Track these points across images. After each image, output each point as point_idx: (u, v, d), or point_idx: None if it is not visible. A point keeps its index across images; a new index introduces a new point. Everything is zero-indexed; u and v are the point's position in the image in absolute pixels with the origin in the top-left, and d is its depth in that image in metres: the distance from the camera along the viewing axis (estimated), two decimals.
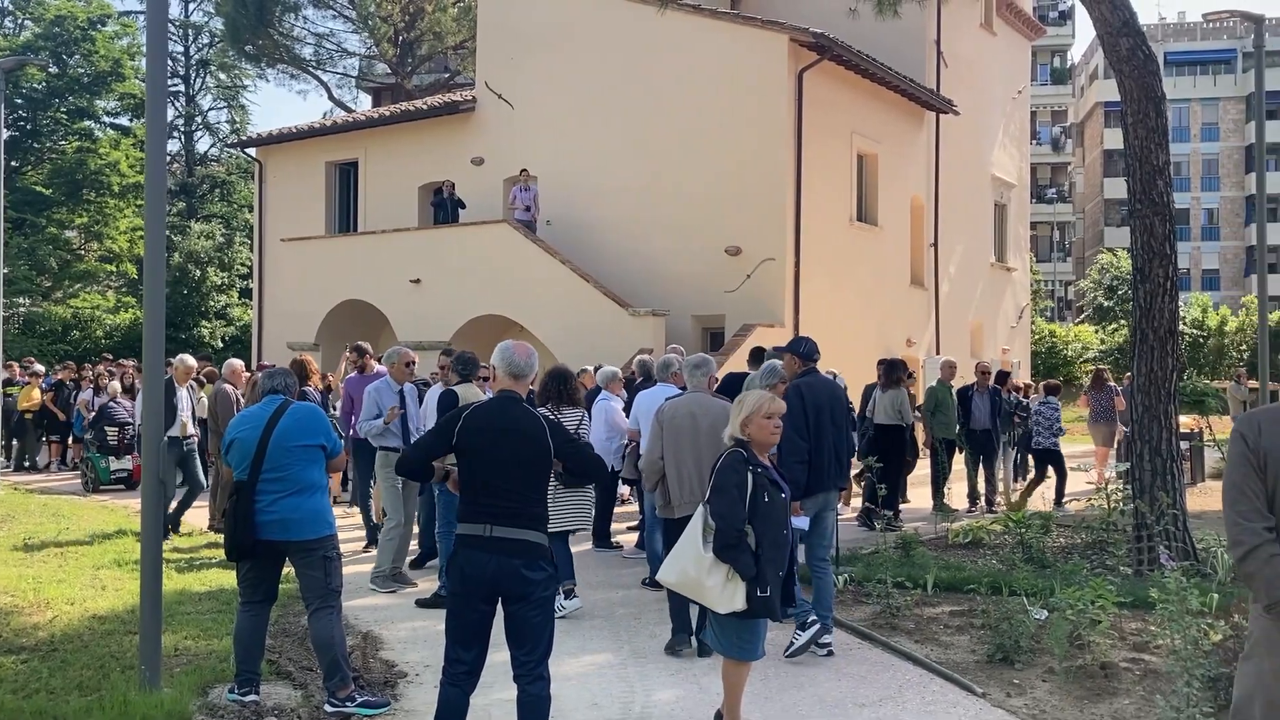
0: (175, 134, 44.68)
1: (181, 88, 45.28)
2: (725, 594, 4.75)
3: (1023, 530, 9.40)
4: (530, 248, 19.05)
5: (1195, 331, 36.80)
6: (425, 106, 23.23)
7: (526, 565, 4.39)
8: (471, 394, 7.61)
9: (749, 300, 17.87)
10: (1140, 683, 5.84)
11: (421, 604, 7.77)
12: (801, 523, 6.29)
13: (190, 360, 11.76)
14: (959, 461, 13.68)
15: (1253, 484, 3.27)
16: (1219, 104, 60.47)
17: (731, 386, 8.83)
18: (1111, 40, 9.43)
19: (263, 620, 5.60)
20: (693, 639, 6.56)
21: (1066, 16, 56.41)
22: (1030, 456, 14.20)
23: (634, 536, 10.49)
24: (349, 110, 38.18)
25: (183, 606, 7.53)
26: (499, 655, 4.60)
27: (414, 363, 9.21)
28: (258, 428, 5.44)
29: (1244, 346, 35.23)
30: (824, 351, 12.83)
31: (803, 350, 6.95)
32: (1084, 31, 79.78)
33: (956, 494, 13.47)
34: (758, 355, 10.32)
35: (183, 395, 11.00)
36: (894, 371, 12.12)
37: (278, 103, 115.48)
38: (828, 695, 5.79)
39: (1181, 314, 37.52)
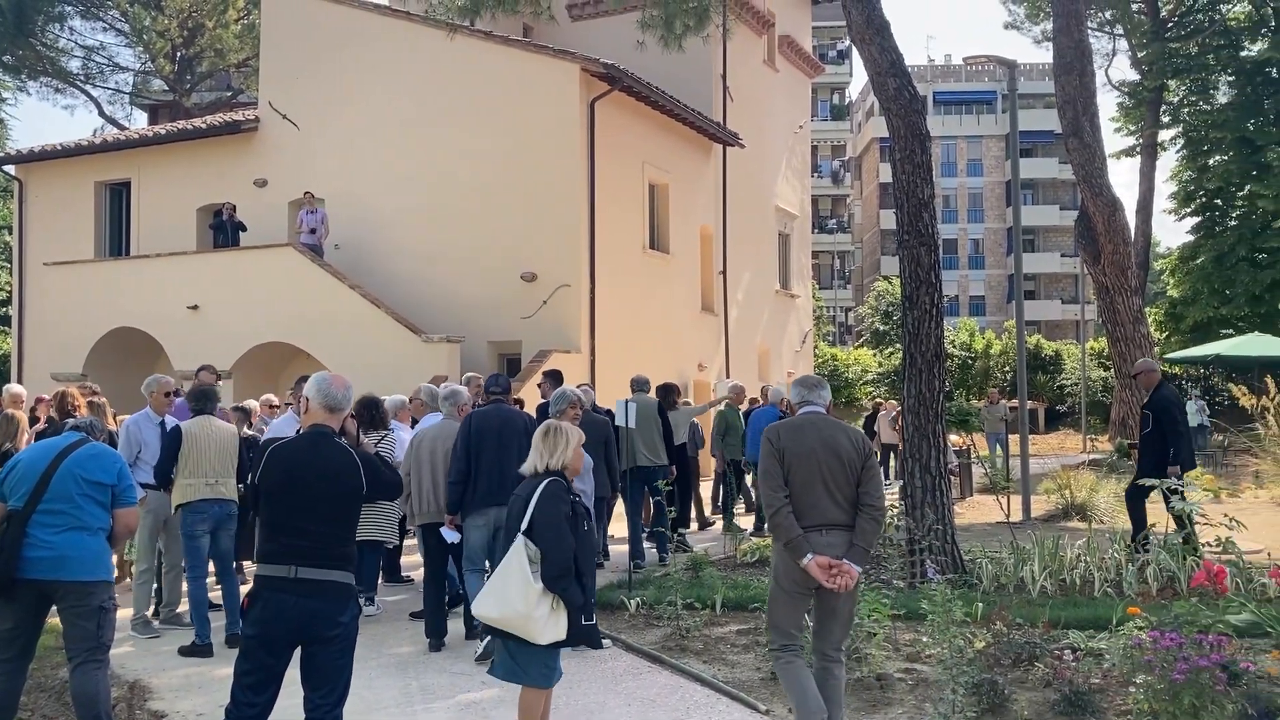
0: None
1: None
2: (549, 625, 4.67)
3: None
4: (317, 272, 18.48)
5: (963, 354, 39.19)
6: (205, 125, 22.24)
7: (334, 607, 4.24)
8: (207, 428, 7.63)
9: (545, 326, 17.91)
10: (913, 692, 6.13)
11: (184, 652, 7.35)
12: (451, 536, 7.51)
13: (16, 389, 10.71)
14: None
15: (775, 469, 4.96)
16: (982, 141, 64.90)
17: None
18: (880, 80, 9.97)
19: (18, 681, 5.12)
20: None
21: (845, 56, 59.43)
22: None
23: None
24: (122, 128, 36.10)
25: None
26: (288, 699, 4.40)
27: (176, 393, 8.69)
28: (47, 455, 5.04)
29: (1007, 368, 37.79)
30: (620, 376, 12.96)
31: (488, 385, 7.90)
32: (861, 71, 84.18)
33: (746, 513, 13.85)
34: (555, 378, 10.41)
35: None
36: (668, 395, 12.51)
37: (41, 119, 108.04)
38: None
39: (950, 337, 39.94)
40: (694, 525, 13.60)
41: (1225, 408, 24.97)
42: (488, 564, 7.10)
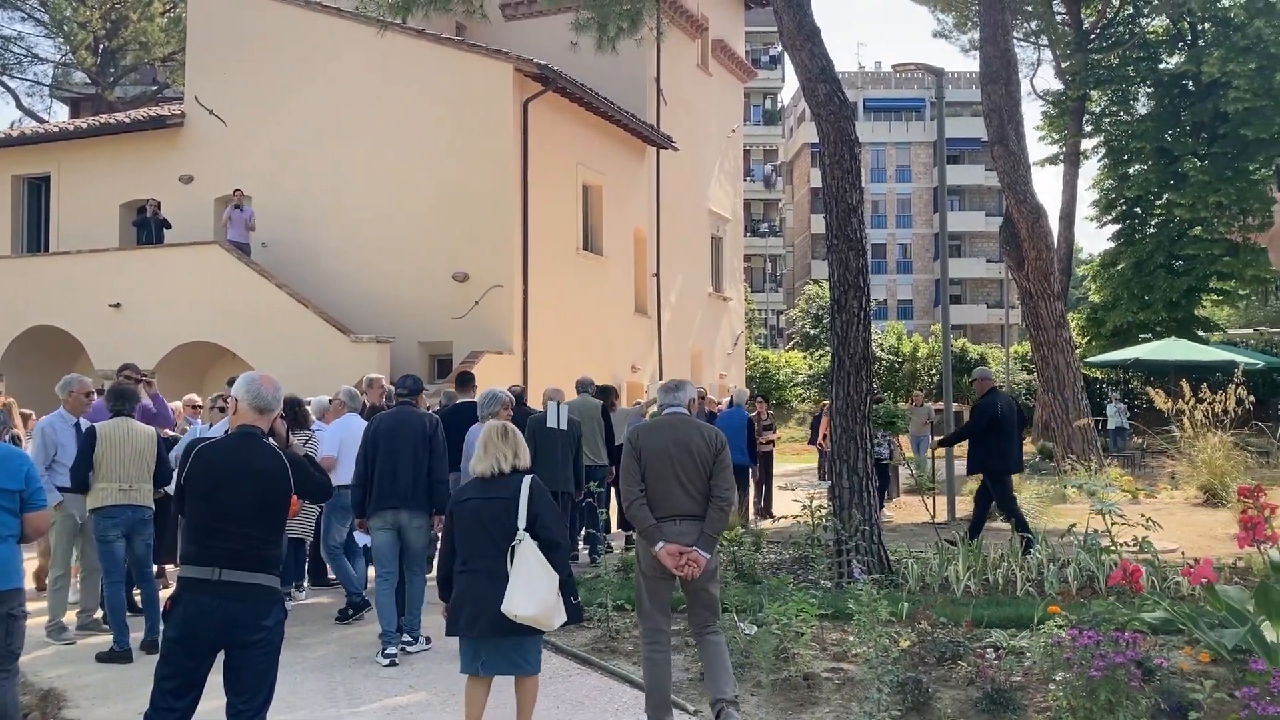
0: None
1: None
2: (559, 611, 5.03)
3: (735, 548, 9.80)
4: (244, 271, 18.17)
5: (891, 357, 39.76)
6: (129, 119, 21.72)
7: (258, 611, 4.17)
8: (124, 430, 7.49)
9: (477, 327, 17.79)
10: (839, 691, 6.20)
11: (102, 658, 7.17)
12: (364, 539, 7.84)
13: None
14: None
15: (633, 467, 5.46)
16: (911, 148, 65.95)
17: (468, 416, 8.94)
18: (810, 86, 10.07)
19: None
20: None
21: (777, 61, 59.91)
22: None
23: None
24: (41, 121, 35.15)
25: None
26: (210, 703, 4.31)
27: (93, 394, 8.47)
28: None
29: (934, 371, 38.41)
30: (553, 378, 12.96)
31: (397, 387, 7.97)
32: (793, 76, 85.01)
33: None
34: (464, 380, 10.40)
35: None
36: (605, 396, 12.59)
37: None
38: None
39: (878, 341, 40.42)
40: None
41: (1144, 411, 25.63)
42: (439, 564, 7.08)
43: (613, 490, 11.37)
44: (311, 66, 19.38)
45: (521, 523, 5.00)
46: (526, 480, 5.14)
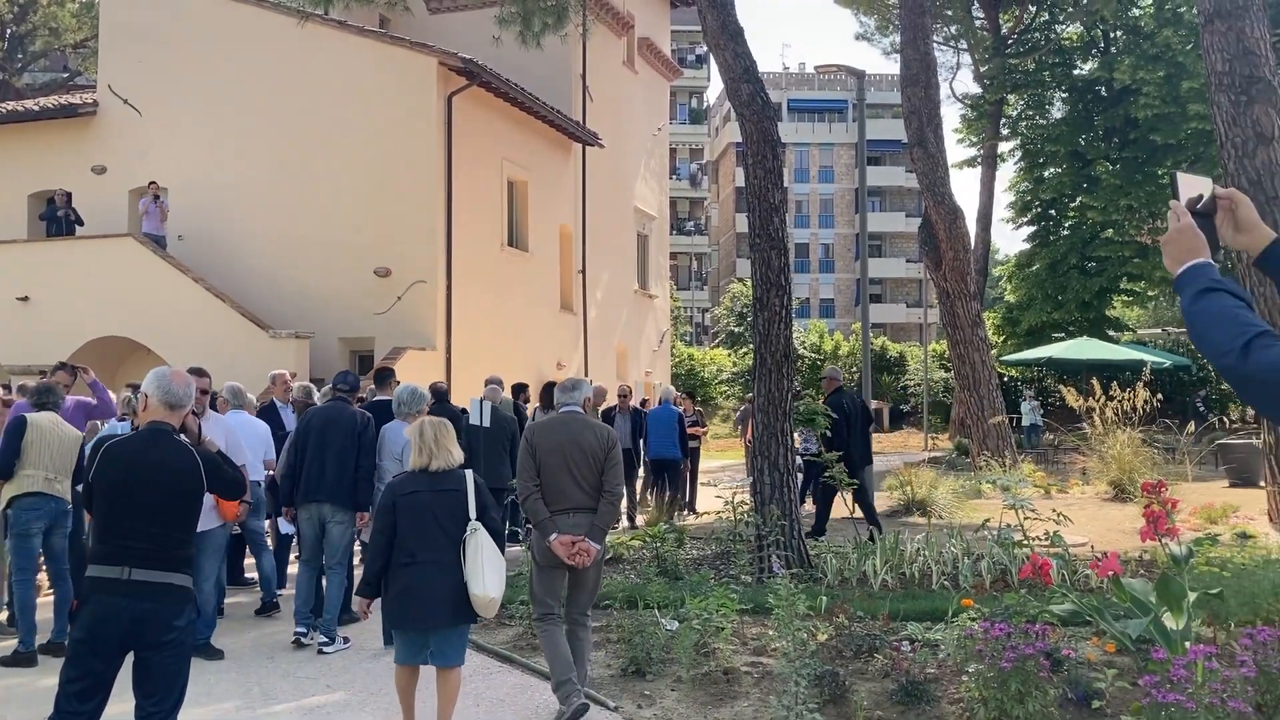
0: None
1: None
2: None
3: (658, 544, 9.85)
4: (159, 264, 17.75)
5: (813, 355, 40.26)
6: (38, 107, 21.07)
7: (169, 611, 4.08)
8: (50, 422, 7.40)
9: (400, 323, 17.61)
10: (758, 685, 6.26)
11: (5, 662, 6.97)
12: (287, 528, 8.22)
13: None
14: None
15: (529, 463, 5.71)
16: (834, 149, 66.73)
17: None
18: (734, 85, 10.16)
19: None
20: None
21: (703, 60, 60.20)
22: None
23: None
24: None
25: None
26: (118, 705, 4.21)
27: (5, 387, 8.25)
28: None
29: (855, 369, 38.94)
30: (477, 374, 12.87)
31: (335, 382, 8.13)
32: (719, 75, 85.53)
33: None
34: (382, 376, 10.30)
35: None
36: (519, 394, 12.62)
37: None
38: None
39: (800, 339, 40.77)
40: None
41: (1057, 408, 26.30)
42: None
43: None
44: (230, 57, 18.99)
45: (473, 513, 5.25)
46: (469, 473, 5.39)
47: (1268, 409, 2.02)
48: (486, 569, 5.14)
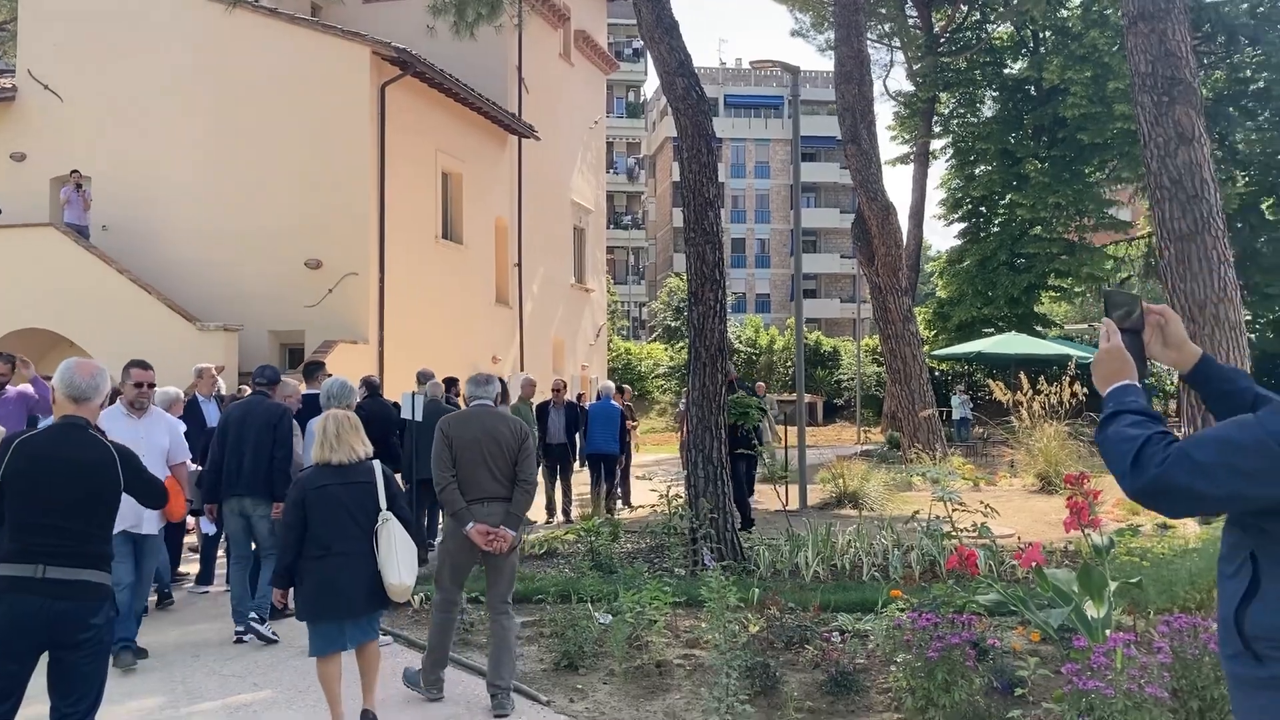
0: None
1: None
2: None
3: (593, 538, 9.84)
4: (82, 255, 17.30)
5: (749, 349, 40.51)
6: None
7: (86, 609, 3.98)
8: None
9: (331, 316, 17.37)
10: (690, 677, 6.28)
11: None
12: (207, 526, 8.31)
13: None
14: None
15: (445, 454, 5.86)
16: (770, 144, 67.08)
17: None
18: (669, 80, 10.16)
19: None
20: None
21: (640, 54, 60.21)
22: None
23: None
24: None
25: None
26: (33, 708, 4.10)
27: None
28: None
29: (790, 363, 39.28)
30: (410, 368, 12.76)
31: (254, 376, 8.17)
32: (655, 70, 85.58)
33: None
34: (311, 370, 10.19)
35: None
36: (450, 388, 12.55)
37: None
38: (394, 718, 5.72)
39: (737, 333, 40.96)
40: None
41: (986, 402, 26.75)
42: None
43: None
44: (157, 43, 18.56)
45: (383, 503, 5.37)
46: (376, 464, 5.50)
47: (1170, 514, 2.10)
48: (400, 557, 5.30)
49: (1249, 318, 17.23)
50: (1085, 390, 17.06)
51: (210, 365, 10.58)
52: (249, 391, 10.27)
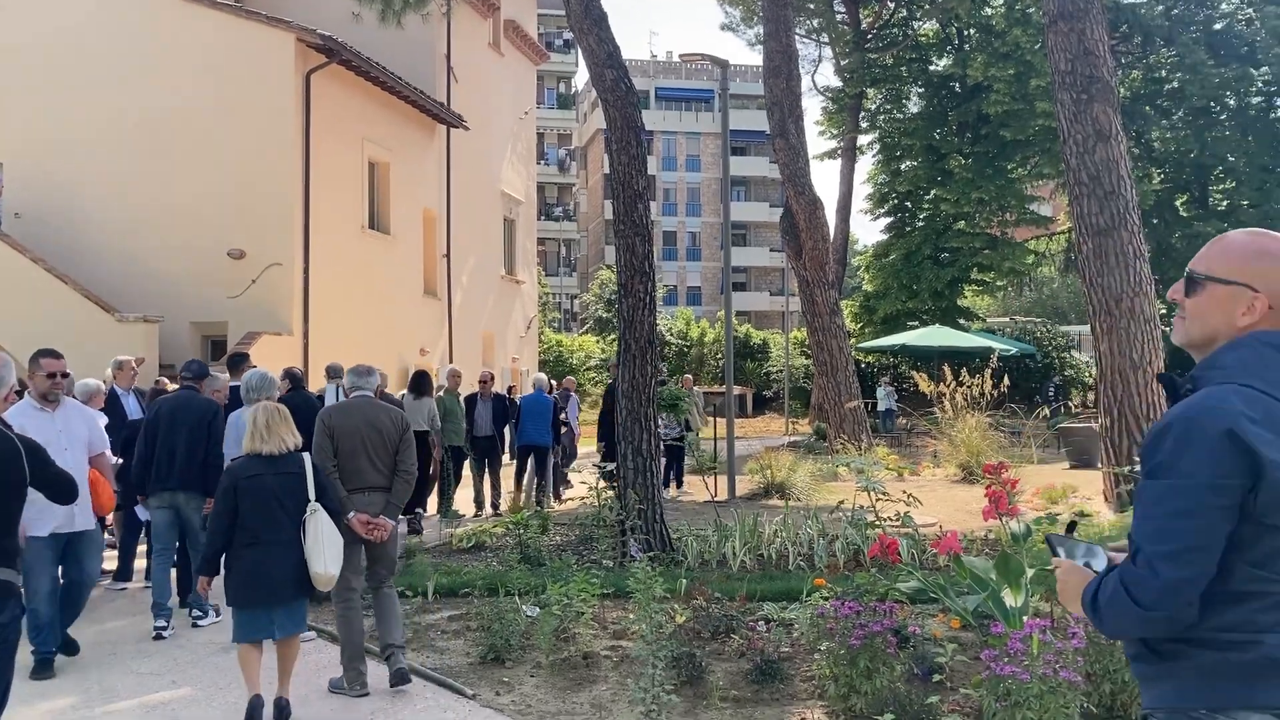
0: None
1: None
2: None
3: (521, 531, 9.81)
4: None
5: (680, 342, 40.64)
6: None
7: None
8: None
9: (255, 307, 17.05)
10: (617, 668, 6.30)
11: None
12: (143, 514, 8.21)
13: None
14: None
15: (326, 444, 5.98)
16: (701, 138, 67.33)
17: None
18: (598, 71, 10.14)
19: None
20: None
21: (571, 45, 59.96)
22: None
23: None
24: None
25: None
26: None
27: None
28: None
29: (720, 355, 39.48)
30: (336, 360, 12.57)
31: (181, 370, 8.18)
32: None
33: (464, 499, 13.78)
34: (235, 362, 10.03)
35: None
36: (423, 381, 12.43)
37: None
38: (316, 714, 5.65)
39: (669, 326, 41.07)
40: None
41: (910, 393, 27.20)
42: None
43: None
44: (74, 25, 18.02)
45: (312, 494, 5.49)
46: (306, 456, 5.63)
47: (1115, 636, 2.17)
48: (326, 547, 5.42)
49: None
50: (1007, 382, 17.45)
51: (130, 358, 10.34)
52: (170, 385, 10.08)
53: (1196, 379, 2.08)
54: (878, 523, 8.78)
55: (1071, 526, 2.43)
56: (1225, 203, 33.63)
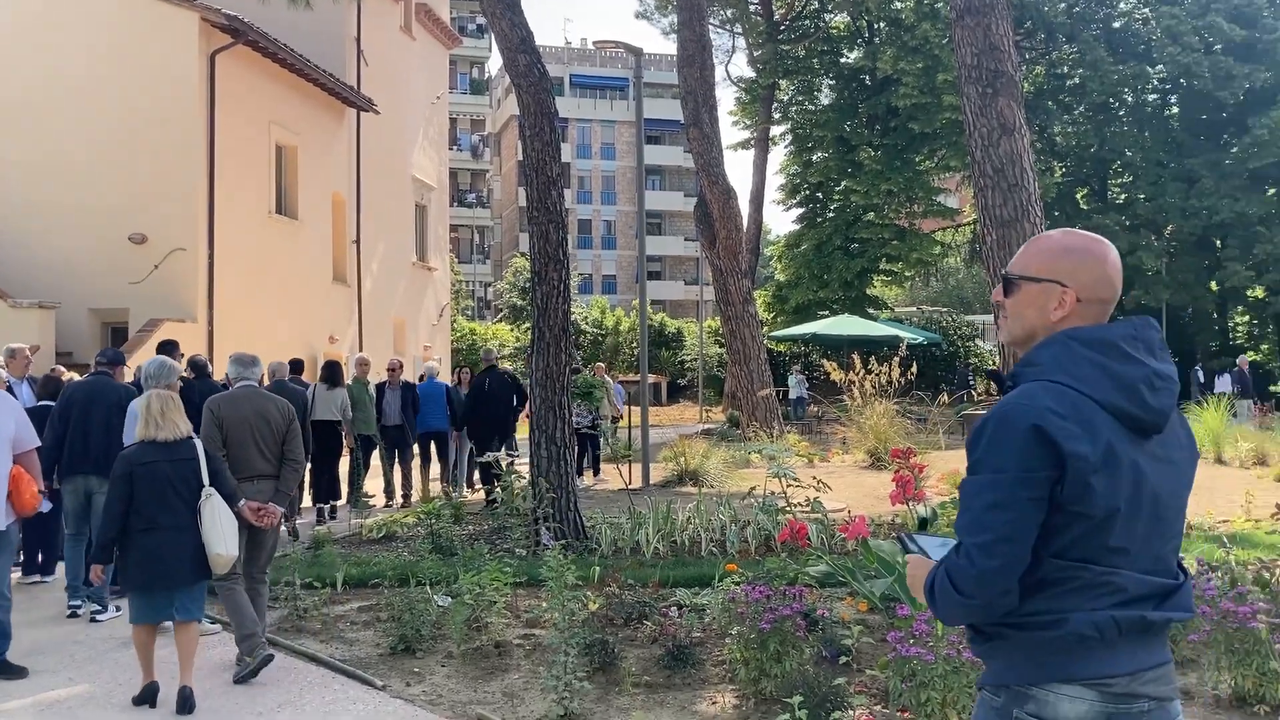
0: None
1: None
2: None
3: (433, 520, 9.72)
4: None
5: (596, 330, 40.64)
6: None
7: None
8: None
9: (157, 293, 16.60)
10: (529, 656, 6.29)
11: None
12: (44, 504, 7.81)
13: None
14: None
15: (215, 434, 6.08)
16: (616, 126, 67.26)
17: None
18: (511, 55, 10.06)
19: None
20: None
21: (484, 30, 59.35)
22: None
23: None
24: None
25: None
26: None
27: None
28: None
29: (634, 344, 39.59)
30: (242, 348, 12.38)
31: (96, 357, 8.24)
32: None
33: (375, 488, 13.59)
34: (168, 350, 9.76)
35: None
36: (335, 371, 12.22)
37: None
38: (221, 706, 5.54)
39: (584, 314, 41.03)
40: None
41: (821, 382, 27.56)
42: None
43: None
44: None
45: (206, 480, 5.56)
46: (198, 442, 5.71)
47: (947, 622, 2.22)
48: (223, 531, 5.51)
49: None
50: (914, 370, 17.79)
51: (24, 345, 9.97)
52: (66, 373, 9.76)
53: (1016, 375, 2.19)
54: (788, 508, 8.92)
55: (923, 523, 2.51)
56: (1123, 196, 34.76)
